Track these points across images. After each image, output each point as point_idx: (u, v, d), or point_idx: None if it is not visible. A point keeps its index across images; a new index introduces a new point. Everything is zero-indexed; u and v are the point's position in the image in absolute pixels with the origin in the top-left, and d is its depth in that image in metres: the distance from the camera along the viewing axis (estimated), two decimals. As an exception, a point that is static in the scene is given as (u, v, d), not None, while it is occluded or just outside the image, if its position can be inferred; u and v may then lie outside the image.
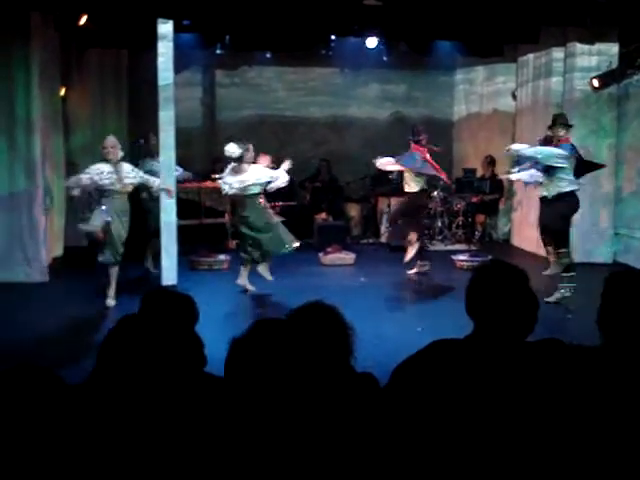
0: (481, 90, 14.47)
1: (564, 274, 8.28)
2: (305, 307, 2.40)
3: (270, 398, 2.08)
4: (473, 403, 2.33)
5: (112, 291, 8.17)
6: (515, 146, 8.60)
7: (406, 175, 9.98)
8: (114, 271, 8.17)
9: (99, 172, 8.01)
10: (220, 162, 12.44)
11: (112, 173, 8.03)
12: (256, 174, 8.53)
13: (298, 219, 11.86)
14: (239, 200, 8.81)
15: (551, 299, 8.17)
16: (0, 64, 9.30)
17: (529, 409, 2.33)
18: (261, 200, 8.65)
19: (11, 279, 9.16)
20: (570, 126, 8.35)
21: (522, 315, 2.46)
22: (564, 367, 2.42)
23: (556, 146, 8.14)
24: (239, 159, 8.47)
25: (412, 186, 9.89)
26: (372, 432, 2.33)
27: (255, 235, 8.56)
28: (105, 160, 8.08)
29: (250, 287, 8.76)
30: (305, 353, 2.16)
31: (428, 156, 9.82)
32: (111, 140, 8.17)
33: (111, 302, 8.11)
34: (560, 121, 8.26)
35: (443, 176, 10.22)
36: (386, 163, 10.07)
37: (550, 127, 8.37)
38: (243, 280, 8.75)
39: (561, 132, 8.18)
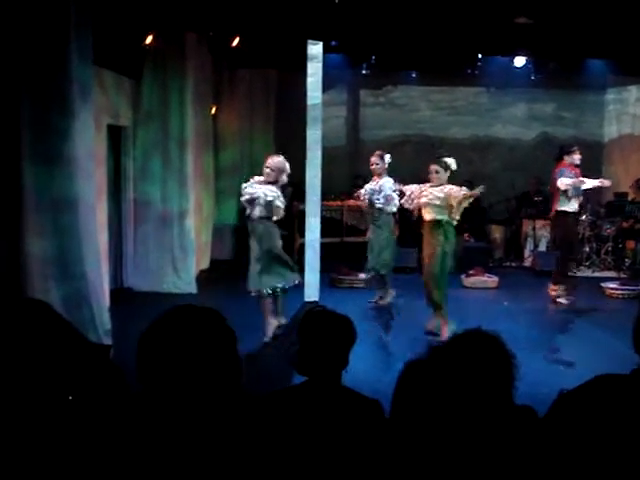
0: (634, 110, 13.88)
1: None
2: (467, 334, 2.35)
3: (434, 422, 2.07)
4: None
5: (270, 327, 7.31)
6: None
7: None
8: (267, 303, 7.33)
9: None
10: (360, 178, 12.57)
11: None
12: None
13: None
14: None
15: None
16: (156, 83, 9.76)
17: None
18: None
19: (161, 289, 9.60)
20: None
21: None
22: None
23: None
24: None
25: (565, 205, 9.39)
26: (530, 464, 2.25)
27: None
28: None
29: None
30: (469, 381, 2.13)
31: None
32: (271, 161, 7.36)
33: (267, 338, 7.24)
34: None
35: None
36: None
37: None
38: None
39: None
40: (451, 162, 7.71)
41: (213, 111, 11.91)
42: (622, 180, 13.51)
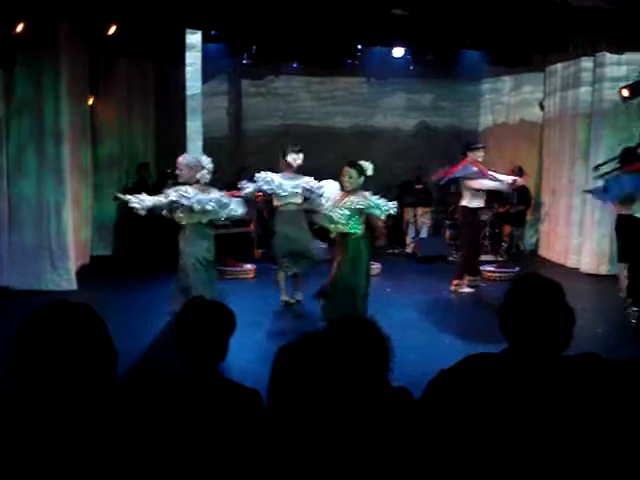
0: (508, 100, 14.39)
1: None
2: (344, 320, 2.38)
3: (310, 408, 2.08)
4: (509, 418, 2.29)
5: None
6: None
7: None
8: None
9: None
10: (246, 171, 12.49)
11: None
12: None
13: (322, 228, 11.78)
14: None
15: None
16: (29, 74, 9.36)
17: (566, 424, 2.29)
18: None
19: (39, 287, 9.25)
20: None
21: (558, 330, 2.41)
22: (602, 382, 2.38)
23: None
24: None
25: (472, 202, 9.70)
26: (406, 446, 2.30)
27: None
28: None
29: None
30: (343, 366, 2.15)
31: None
32: (180, 159, 7.02)
33: None
34: None
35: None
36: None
37: None
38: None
39: None
40: (367, 167, 6.96)
41: (90, 102, 11.56)
42: (497, 167, 13.95)
